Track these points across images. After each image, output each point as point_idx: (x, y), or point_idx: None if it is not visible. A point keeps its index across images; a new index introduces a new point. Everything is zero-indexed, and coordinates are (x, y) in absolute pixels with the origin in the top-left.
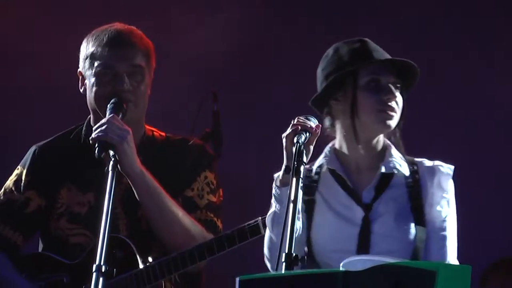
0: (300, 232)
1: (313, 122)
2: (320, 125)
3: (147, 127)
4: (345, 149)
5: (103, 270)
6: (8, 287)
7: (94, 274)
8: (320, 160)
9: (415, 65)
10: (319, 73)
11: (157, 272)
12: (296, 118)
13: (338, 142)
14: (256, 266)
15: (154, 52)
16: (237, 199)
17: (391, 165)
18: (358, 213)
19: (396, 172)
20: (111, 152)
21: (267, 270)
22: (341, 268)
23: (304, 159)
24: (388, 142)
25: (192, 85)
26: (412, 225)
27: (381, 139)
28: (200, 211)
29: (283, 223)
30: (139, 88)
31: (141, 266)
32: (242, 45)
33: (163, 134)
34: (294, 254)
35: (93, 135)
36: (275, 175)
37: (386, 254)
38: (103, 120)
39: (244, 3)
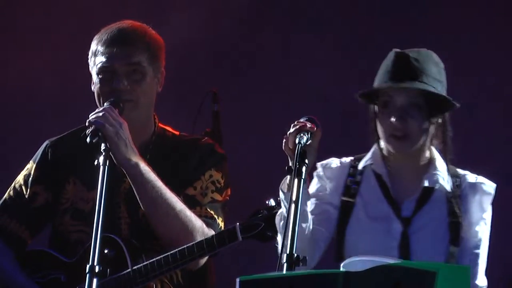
0: (324, 230)
1: (315, 125)
2: (320, 129)
3: (161, 125)
4: (389, 155)
5: (96, 270)
6: (8, 281)
7: (88, 275)
8: (367, 159)
9: (434, 92)
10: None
11: (151, 270)
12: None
13: (383, 144)
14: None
15: (163, 48)
16: (237, 199)
17: (435, 178)
18: (397, 226)
19: (438, 186)
20: (103, 146)
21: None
22: (341, 269)
23: (307, 161)
24: (435, 152)
25: (192, 85)
26: (447, 242)
27: (425, 150)
28: (200, 208)
29: (285, 223)
30: (139, 87)
31: (130, 266)
32: (242, 45)
33: (176, 132)
34: (295, 255)
35: (90, 118)
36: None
37: None
38: (100, 108)
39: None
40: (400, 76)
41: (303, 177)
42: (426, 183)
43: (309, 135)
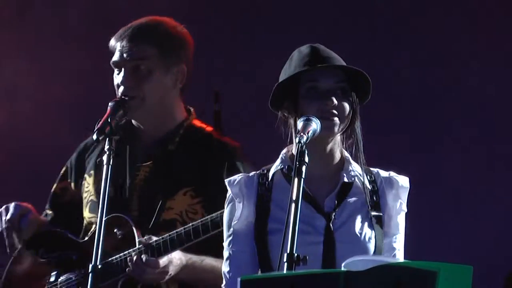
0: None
1: (314, 123)
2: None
3: (195, 121)
4: None
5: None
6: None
7: (90, 275)
8: (277, 165)
9: (359, 70)
10: (279, 79)
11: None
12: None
13: (294, 148)
14: None
15: (183, 43)
16: None
17: (352, 174)
18: (320, 222)
19: (356, 181)
20: (107, 145)
21: None
22: (342, 268)
23: (306, 159)
24: (346, 153)
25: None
26: (373, 235)
27: (337, 150)
28: None
29: (285, 223)
30: (145, 83)
31: (137, 243)
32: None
33: (207, 129)
34: (296, 254)
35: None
36: None
37: None
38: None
39: None
40: (321, 60)
41: (303, 176)
42: (345, 179)
43: (309, 135)
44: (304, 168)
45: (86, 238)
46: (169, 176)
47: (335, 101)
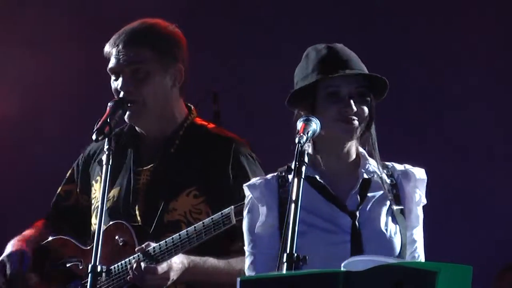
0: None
1: (314, 123)
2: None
3: (197, 119)
4: (319, 157)
5: (98, 270)
6: None
7: (90, 275)
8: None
9: (379, 76)
10: (294, 76)
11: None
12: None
13: (310, 147)
14: None
15: (177, 43)
16: None
17: (370, 170)
18: (345, 220)
19: (375, 176)
20: (106, 145)
21: None
22: (342, 268)
23: (306, 160)
24: (361, 149)
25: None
26: (398, 228)
27: (353, 148)
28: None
29: (285, 223)
30: (145, 86)
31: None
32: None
33: (209, 126)
34: (296, 254)
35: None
36: None
37: None
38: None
39: None
40: (340, 65)
41: (303, 176)
42: (365, 175)
43: (308, 135)
44: (304, 168)
45: (89, 246)
46: (171, 178)
47: (355, 107)
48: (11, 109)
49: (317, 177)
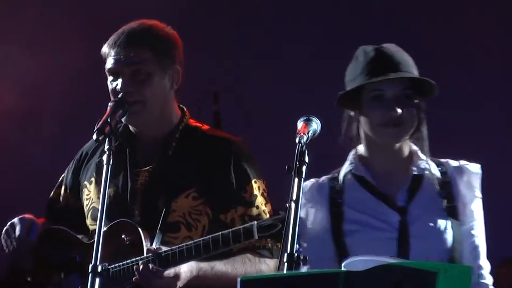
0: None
1: (315, 123)
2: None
3: (191, 121)
4: (370, 155)
5: (99, 270)
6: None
7: (90, 275)
8: (346, 167)
9: (427, 80)
10: (345, 76)
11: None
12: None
13: (363, 147)
14: None
15: (174, 45)
16: None
17: (422, 166)
18: (394, 217)
19: (427, 173)
20: (106, 145)
21: None
22: (342, 268)
23: (306, 159)
24: (414, 147)
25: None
26: (449, 225)
27: (406, 146)
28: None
29: (285, 224)
30: (145, 87)
31: (145, 251)
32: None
33: (203, 127)
34: (296, 254)
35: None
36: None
37: (425, 257)
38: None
39: None
40: (386, 68)
41: (303, 176)
42: (415, 172)
43: (309, 135)
44: (304, 168)
45: (90, 241)
46: (169, 180)
47: (399, 111)
48: (11, 109)
49: (365, 176)
